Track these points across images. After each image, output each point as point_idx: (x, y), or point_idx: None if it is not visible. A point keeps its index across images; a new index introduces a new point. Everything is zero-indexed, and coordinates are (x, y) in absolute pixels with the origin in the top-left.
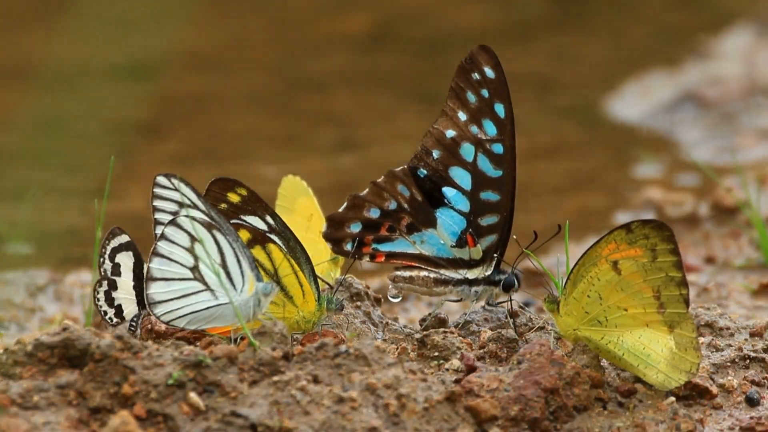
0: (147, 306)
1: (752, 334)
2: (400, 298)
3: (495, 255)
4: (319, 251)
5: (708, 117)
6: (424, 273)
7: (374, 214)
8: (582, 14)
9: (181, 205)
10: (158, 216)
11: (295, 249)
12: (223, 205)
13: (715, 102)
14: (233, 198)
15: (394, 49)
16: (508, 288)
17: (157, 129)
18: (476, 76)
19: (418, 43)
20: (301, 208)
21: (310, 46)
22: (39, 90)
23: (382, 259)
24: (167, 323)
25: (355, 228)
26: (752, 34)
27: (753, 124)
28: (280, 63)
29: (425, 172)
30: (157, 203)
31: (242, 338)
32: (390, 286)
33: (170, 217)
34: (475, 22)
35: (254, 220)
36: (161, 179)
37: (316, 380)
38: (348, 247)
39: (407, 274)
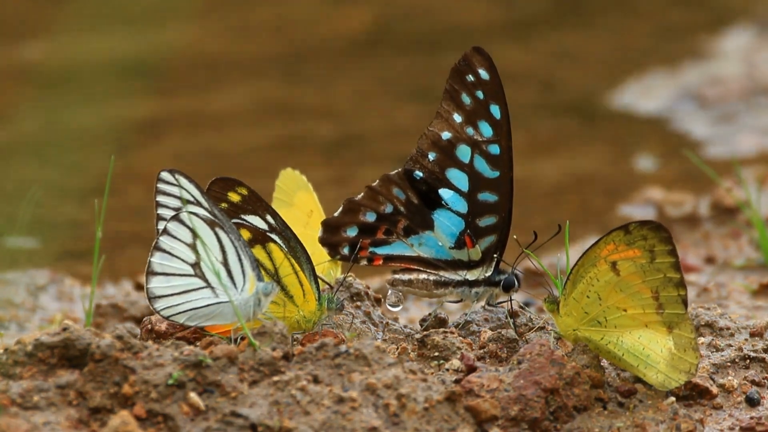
0: (147, 300)
1: (752, 334)
2: (399, 308)
3: (495, 256)
4: (319, 248)
5: (708, 116)
6: (423, 276)
7: (370, 217)
8: (582, 12)
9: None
10: (161, 211)
11: (296, 249)
12: (224, 205)
13: (716, 101)
14: (234, 197)
15: (393, 46)
16: (508, 288)
17: (157, 126)
18: (470, 77)
19: (418, 40)
20: (300, 202)
21: (310, 42)
22: (39, 87)
23: (380, 262)
24: (167, 318)
25: (352, 232)
26: (752, 33)
27: (753, 123)
28: (280, 60)
29: (421, 174)
30: (160, 198)
31: (242, 338)
32: (389, 293)
33: (173, 213)
34: (476, 19)
35: (255, 220)
36: (165, 175)
37: (316, 380)
38: (345, 251)
39: (406, 277)
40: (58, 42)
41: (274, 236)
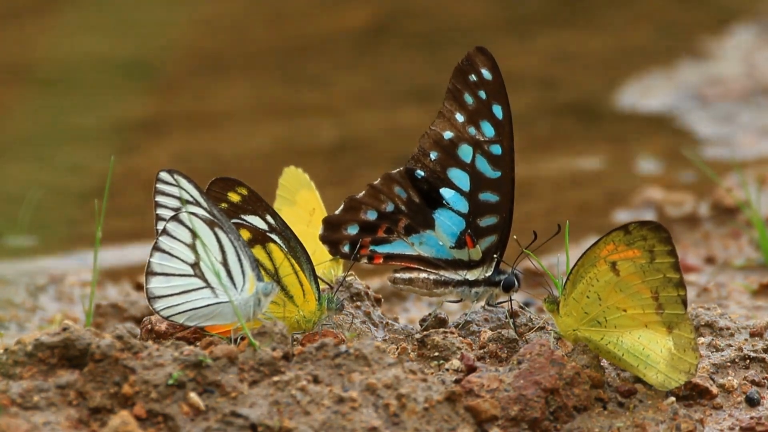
0: (147, 300)
1: (752, 334)
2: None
3: (495, 256)
4: (321, 247)
5: (708, 116)
6: (423, 275)
7: (371, 216)
8: (583, 11)
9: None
10: (160, 211)
11: (296, 249)
12: (224, 205)
13: (716, 101)
14: (234, 197)
15: (393, 44)
16: (508, 288)
17: (156, 125)
18: (473, 77)
19: (418, 39)
20: (302, 200)
21: (310, 40)
22: (39, 87)
23: (380, 260)
24: (167, 318)
25: (352, 230)
26: (752, 33)
27: (753, 123)
28: (280, 58)
29: (422, 173)
30: (159, 198)
31: (242, 338)
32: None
33: (172, 213)
34: (476, 17)
35: (255, 220)
36: (164, 175)
37: (316, 380)
38: (346, 249)
39: (407, 276)
40: (58, 39)
41: (274, 236)
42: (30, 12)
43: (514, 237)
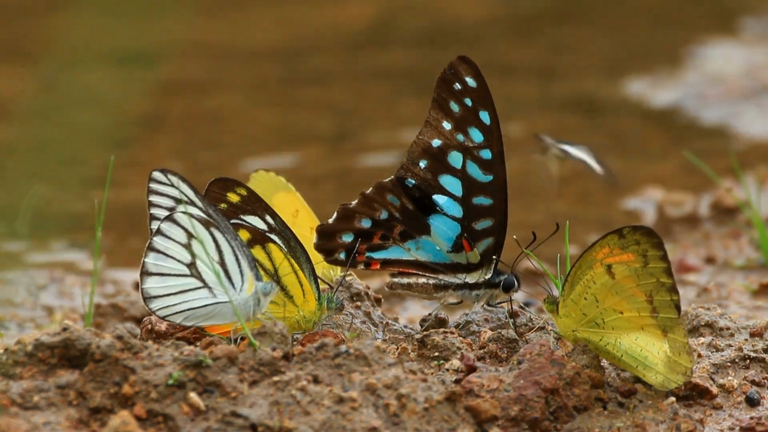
0: (142, 300)
1: (752, 334)
2: None
3: (493, 257)
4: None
5: (709, 115)
6: (422, 280)
7: (366, 224)
8: (583, 8)
9: (177, 200)
10: (154, 211)
11: (295, 249)
12: (223, 205)
13: (716, 100)
14: (233, 198)
15: (394, 40)
16: (508, 288)
17: (157, 118)
18: (458, 86)
19: (419, 35)
20: (281, 203)
21: (311, 36)
22: (39, 78)
23: (378, 266)
24: (163, 318)
25: (347, 238)
26: (754, 32)
27: (754, 123)
28: (281, 53)
29: (413, 181)
30: (153, 198)
31: (242, 338)
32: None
33: (166, 213)
34: (478, 14)
35: (254, 220)
36: (157, 174)
37: (316, 380)
38: (341, 256)
39: (405, 281)
40: (60, 30)
41: (273, 236)
42: (33, 2)
43: (514, 237)
